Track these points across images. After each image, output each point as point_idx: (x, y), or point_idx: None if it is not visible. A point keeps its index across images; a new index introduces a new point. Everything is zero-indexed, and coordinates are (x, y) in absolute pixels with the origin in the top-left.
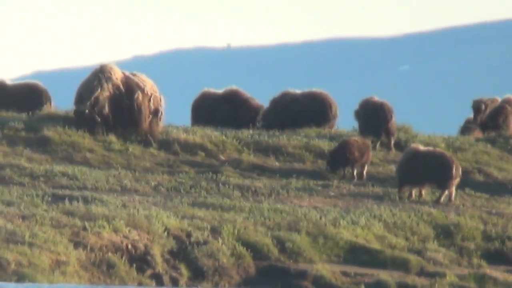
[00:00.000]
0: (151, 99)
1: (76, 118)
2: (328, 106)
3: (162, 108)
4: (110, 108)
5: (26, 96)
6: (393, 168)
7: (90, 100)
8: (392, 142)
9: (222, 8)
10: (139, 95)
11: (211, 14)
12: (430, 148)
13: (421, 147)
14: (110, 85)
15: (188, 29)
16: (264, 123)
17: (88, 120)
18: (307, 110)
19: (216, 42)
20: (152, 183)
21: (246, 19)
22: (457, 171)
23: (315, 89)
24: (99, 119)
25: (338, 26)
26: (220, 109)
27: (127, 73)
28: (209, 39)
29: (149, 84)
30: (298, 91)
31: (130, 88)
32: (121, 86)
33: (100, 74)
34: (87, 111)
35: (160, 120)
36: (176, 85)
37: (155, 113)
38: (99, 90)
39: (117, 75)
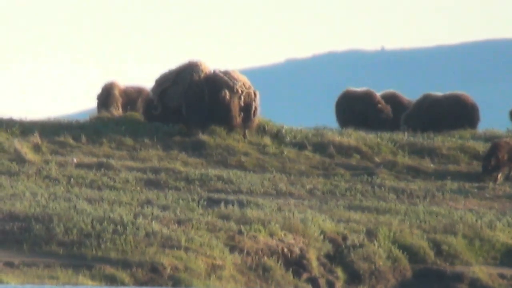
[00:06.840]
0: (242, 96)
1: (145, 106)
2: (471, 108)
3: (257, 103)
4: (186, 102)
5: None
6: None
7: (159, 91)
8: None
9: (376, 10)
10: (225, 93)
11: (365, 17)
12: None
13: None
14: (186, 82)
15: (341, 31)
16: (407, 126)
17: (155, 110)
18: (451, 112)
19: (370, 45)
20: (307, 186)
21: (400, 21)
22: None
23: (457, 91)
24: (159, 110)
25: (493, 27)
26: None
27: (217, 70)
28: (363, 41)
29: (240, 81)
30: (439, 93)
31: (216, 85)
32: (203, 83)
33: (182, 69)
34: (155, 101)
35: (254, 115)
36: (329, 88)
37: (247, 108)
38: (170, 83)
39: (203, 72)
